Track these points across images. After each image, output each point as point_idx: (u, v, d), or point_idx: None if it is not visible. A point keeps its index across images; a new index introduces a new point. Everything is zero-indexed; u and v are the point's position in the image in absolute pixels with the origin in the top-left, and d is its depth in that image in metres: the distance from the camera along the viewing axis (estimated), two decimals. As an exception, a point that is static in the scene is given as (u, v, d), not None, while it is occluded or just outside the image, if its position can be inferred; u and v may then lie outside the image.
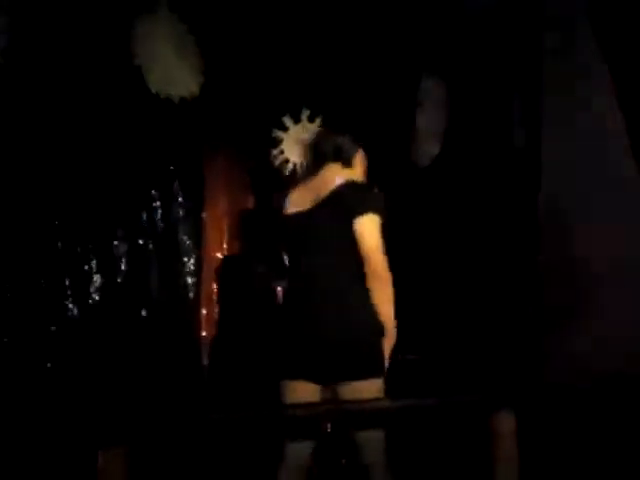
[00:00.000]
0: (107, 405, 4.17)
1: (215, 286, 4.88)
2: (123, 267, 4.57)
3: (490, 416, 3.18)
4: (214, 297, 4.91)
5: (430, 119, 4.84)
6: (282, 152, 4.89)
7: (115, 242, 4.59)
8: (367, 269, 3.27)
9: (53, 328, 4.32)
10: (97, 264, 4.50)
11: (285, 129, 4.89)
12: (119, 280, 4.50)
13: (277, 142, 4.90)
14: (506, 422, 3.18)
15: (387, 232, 3.31)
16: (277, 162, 4.90)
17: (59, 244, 4.44)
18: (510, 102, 4.93)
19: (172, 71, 4.37)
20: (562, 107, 4.65)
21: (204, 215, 4.94)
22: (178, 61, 4.42)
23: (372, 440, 3.37)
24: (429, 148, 4.89)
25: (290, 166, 4.91)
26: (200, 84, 4.48)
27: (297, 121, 4.91)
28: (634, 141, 4.52)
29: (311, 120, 4.91)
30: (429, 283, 5.12)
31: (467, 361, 4.72)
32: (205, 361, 4.80)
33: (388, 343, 3.33)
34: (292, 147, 4.89)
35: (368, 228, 3.27)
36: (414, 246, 5.15)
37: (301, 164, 4.89)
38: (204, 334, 4.88)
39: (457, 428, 4.24)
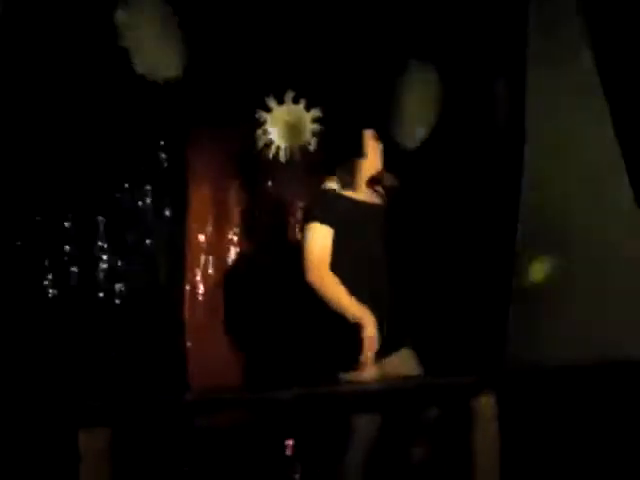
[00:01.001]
0: (90, 386, 4.16)
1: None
2: (102, 248, 4.55)
3: (471, 399, 3.20)
4: (198, 280, 4.92)
5: (419, 102, 4.83)
6: (265, 133, 4.87)
7: (94, 225, 4.56)
8: None
9: (32, 308, 4.29)
10: (75, 246, 4.47)
11: (269, 110, 4.87)
12: (99, 262, 4.48)
13: (260, 123, 4.88)
14: (487, 405, 3.21)
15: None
16: (260, 143, 4.88)
17: (36, 223, 4.39)
18: (493, 83, 4.94)
19: (157, 53, 4.37)
20: (546, 84, 4.68)
21: (188, 199, 4.91)
22: (162, 43, 4.41)
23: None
24: (417, 131, 4.87)
25: (273, 148, 4.89)
26: (183, 66, 4.48)
27: (281, 102, 4.89)
28: (617, 120, 4.54)
29: (295, 102, 4.90)
30: (407, 267, 5.12)
31: (447, 345, 4.74)
32: (189, 343, 4.81)
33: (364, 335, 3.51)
34: (276, 129, 4.87)
35: (305, 237, 3.67)
36: (397, 229, 5.15)
37: (285, 146, 4.88)
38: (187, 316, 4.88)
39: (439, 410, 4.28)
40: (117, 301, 4.51)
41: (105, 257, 4.50)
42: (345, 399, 3.44)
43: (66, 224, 4.43)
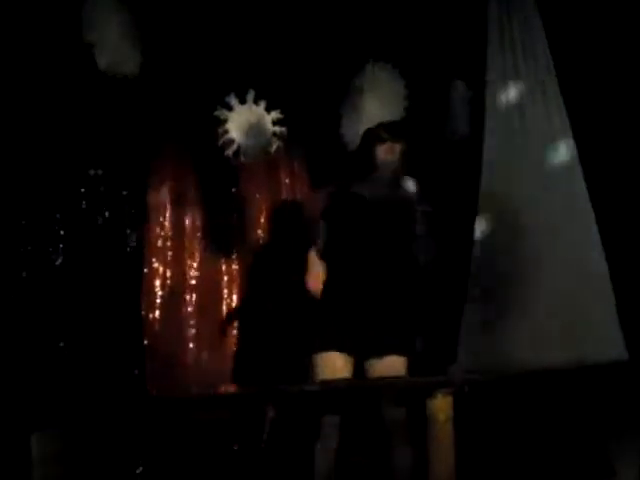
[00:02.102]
0: (42, 388, 4.11)
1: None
2: (59, 248, 4.51)
3: (427, 399, 3.22)
4: (156, 281, 4.91)
5: (380, 105, 4.83)
6: (226, 132, 4.85)
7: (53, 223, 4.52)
8: None
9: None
10: (31, 246, 4.42)
11: (230, 109, 4.84)
12: (55, 262, 4.44)
13: (221, 121, 4.86)
14: (442, 405, 3.23)
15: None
16: (220, 141, 4.86)
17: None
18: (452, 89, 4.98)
19: (116, 50, 4.35)
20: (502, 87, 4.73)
21: (147, 198, 4.89)
22: (121, 40, 4.39)
23: None
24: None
25: (234, 146, 4.87)
26: (140, 64, 4.46)
27: (243, 102, 4.87)
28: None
29: (256, 102, 4.88)
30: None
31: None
32: (146, 341, 4.79)
33: None
34: (237, 127, 4.85)
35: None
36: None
37: (246, 145, 4.86)
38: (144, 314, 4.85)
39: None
40: (72, 303, 4.47)
41: (60, 259, 4.45)
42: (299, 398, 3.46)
43: (23, 222, 4.39)
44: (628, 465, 4.05)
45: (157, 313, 4.86)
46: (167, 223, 4.96)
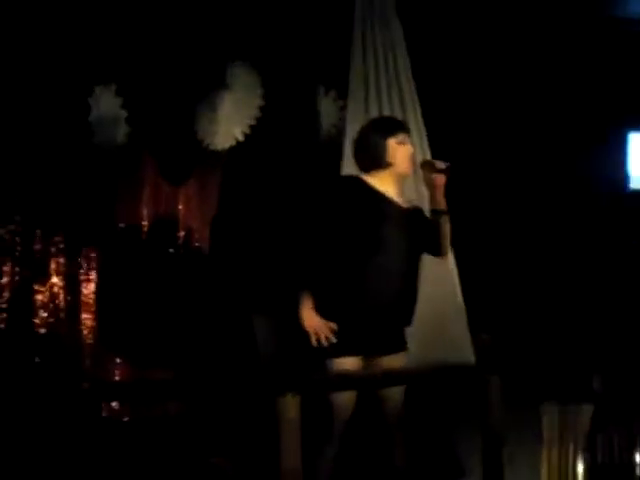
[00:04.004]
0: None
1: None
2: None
3: (276, 400, 3.23)
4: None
5: (238, 104, 4.83)
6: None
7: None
8: None
9: None
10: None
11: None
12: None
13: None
14: (291, 404, 3.24)
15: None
16: None
17: None
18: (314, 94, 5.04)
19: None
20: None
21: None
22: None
23: None
24: (233, 132, 4.86)
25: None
26: None
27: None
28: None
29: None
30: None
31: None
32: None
33: None
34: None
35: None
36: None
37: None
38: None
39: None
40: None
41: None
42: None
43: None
44: (476, 464, 4.17)
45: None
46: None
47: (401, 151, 3.88)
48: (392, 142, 3.87)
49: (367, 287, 3.79)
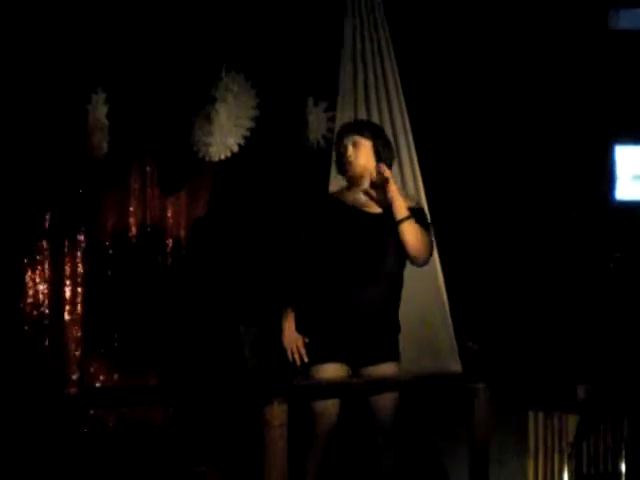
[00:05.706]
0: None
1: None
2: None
3: (263, 406, 3.23)
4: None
5: (233, 115, 4.84)
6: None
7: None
8: None
9: None
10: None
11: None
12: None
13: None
14: (278, 412, 3.24)
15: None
16: None
17: None
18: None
19: None
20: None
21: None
22: None
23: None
24: (228, 143, 4.86)
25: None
26: None
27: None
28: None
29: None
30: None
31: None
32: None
33: None
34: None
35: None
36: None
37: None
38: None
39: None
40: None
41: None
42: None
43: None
44: (462, 473, 4.18)
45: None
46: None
47: (346, 155, 3.88)
48: (341, 148, 3.90)
49: (344, 295, 3.81)
